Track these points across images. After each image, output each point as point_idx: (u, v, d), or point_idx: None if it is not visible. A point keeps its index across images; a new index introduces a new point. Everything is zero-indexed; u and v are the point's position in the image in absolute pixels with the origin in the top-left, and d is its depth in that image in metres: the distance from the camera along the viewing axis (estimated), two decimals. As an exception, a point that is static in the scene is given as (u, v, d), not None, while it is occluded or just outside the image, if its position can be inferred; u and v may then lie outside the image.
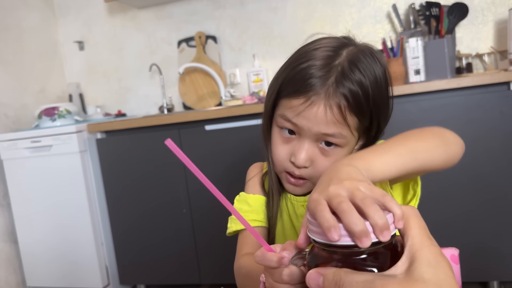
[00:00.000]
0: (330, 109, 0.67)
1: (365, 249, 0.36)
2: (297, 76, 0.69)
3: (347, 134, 0.69)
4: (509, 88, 1.59)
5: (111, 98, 2.72)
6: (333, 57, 0.68)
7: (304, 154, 0.70)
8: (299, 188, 0.76)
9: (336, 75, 0.67)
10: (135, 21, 2.61)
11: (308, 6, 2.31)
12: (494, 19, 2.09)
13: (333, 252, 0.38)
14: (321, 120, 0.67)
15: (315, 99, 0.67)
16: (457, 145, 0.67)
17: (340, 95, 0.67)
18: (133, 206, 2.07)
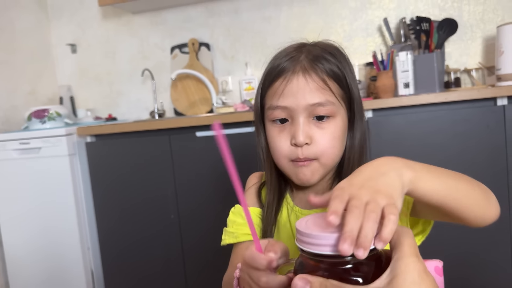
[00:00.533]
0: (309, 76, 0.70)
1: (350, 260, 0.37)
2: (271, 68, 0.75)
3: (334, 101, 0.71)
4: (496, 103, 1.63)
5: (102, 102, 2.71)
6: (298, 48, 0.76)
7: (301, 131, 0.69)
8: (309, 171, 0.72)
9: (306, 54, 0.73)
10: (128, 26, 2.62)
11: (301, 17, 2.34)
12: (482, 35, 2.13)
13: (320, 262, 0.39)
14: (305, 90, 0.69)
15: (292, 75, 0.71)
16: (495, 209, 0.63)
17: (315, 64, 0.71)
18: (120, 211, 2.06)
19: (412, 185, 0.50)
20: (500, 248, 1.64)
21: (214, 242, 1.99)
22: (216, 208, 1.92)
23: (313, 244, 0.38)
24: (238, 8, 2.43)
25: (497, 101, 1.62)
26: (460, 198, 0.57)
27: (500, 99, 1.62)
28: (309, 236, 0.39)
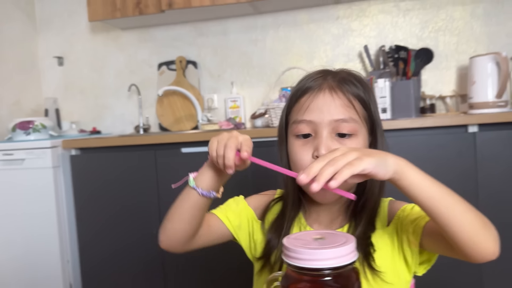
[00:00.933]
0: (335, 93, 0.73)
1: (330, 273, 0.43)
2: (298, 88, 0.78)
3: (357, 119, 0.73)
4: (467, 130, 1.73)
5: (87, 115, 2.73)
6: (326, 71, 0.79)
7: (324, 144, 0.71)
8: (328, 193, 0.75)
9: (333, 76, 0.77)
10: (117, 42, 2.66)
11: (286, 41, 2.43)
12: (456, 65, 2.26)
13: (303, 274, 0.44)
14: (330, 105, 0.72)
15: (319, 92, 0.74)
16: (493, 242, 0.62)
17: (341, 84, 0.74)
18: (102, 225, 2.07)
19: (400, 169, 0.57)
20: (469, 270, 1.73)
21: (195, 258, 2.02)
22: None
23: (297, 259, 0.44)
24: (226, 30, 2.51)
25: (468, 128, 1.73)
26: (452, 209, 0.59)
27: (471, 126, 1.72)
28: (293, 251, 0.45)
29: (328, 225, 0.79)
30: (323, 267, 0.44)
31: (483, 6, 2.21)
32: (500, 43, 2.20)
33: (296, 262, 0.45)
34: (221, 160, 0.69)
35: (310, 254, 0.44)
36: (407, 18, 2.29)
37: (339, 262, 0.44)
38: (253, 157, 0.64)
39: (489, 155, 1.70)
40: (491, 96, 1.93)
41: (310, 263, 0.44)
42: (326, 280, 0.44)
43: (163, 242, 0.80)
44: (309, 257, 0.44)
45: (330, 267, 0.43)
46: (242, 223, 0.86)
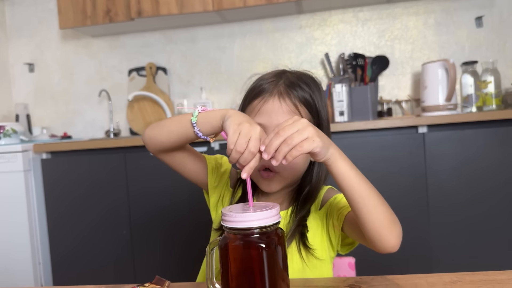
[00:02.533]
0: (283, 100, 0.81)
1: (257, 231, 0.55)
2: (253, 87, 0.86)
3: None
4: (417, 131, 1.87)
5: (57, 121, 2.77)
6: (279, 74, 0.87)
7: None
8: (271, 183, 0.83)
9: (284, 80, 0.84)
10: (88, 48, 2.72)
11: (253, 48, 2.55)
12: (411, 71, 2.42)
13: (237, 234, 0.57)
14: (277, 111, 0.80)
15: (269, 96, 0.82)
16: (397, 236, 0.69)
17: (290, 91, 0.82)
18: (74, 227, 2.12)
19: (333, 157, 0.65)
20: (419, 264, 1.86)
21: (164, 257, 2.09)
22: (168, 225, 2.03)
23: (232, 221, 0.56)
24: (195, 37, 2.60)
25: (418, 129, 1.87)
26: (367, 200, 0.66)
27: (421, 127, 1.86)
28: (229, 216, 0.57)
29: (281, 205, 0.89)
30: (252, 226, 0.55)
31: (434, 17, 2.38)
32: (450, 51, 2.37)
33: (232, 225, 0.56)
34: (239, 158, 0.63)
35: (242, 217, 0.56)
36: (365, 27, 2.44)
37: (264, 223, 0.56)
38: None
39: (437, 154, 1.84)
40: (441, 99, 2.08)
41: (242, 224, 0.55)
42: (254, 238, 0.56)
43: (145, 138, 0.84)
44: (241, 219, 0.56)
45: (257, 226, 0.55)
46: (219, 186, 0.94)
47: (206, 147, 2.00)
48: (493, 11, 2.33)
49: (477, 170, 1.83)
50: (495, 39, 2.34)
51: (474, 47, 2.36)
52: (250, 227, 0.55)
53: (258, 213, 0.56)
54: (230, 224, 0.56)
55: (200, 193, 1.01)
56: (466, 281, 0.64)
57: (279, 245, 0.57)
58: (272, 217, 0.56)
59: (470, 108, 2.24)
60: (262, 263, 0.55)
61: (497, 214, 1.82)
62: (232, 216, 0.56)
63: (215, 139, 0.76)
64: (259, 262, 0.55)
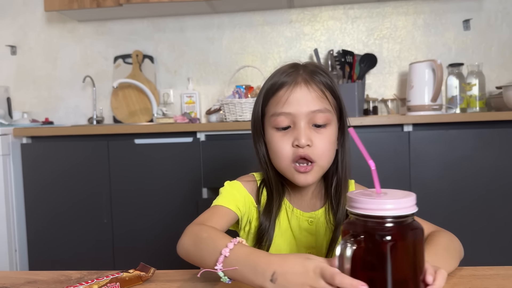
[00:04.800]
0: (311, 87, 0.80)
1: (391, 220, 0.49)
2: (273, 83, 0.83)
3: (330, 109, 0.80)
4: (403, 129, 1.89)
5: (39, 106, 2.70)
6: (295, 65, 0.85)
7: (303, 134, 0.78)
8: (309, 176, 0.80)
9: (304, 69, 0.83)
10: (73, 33, 2.66)
11: (242, 41, 2.53)
12: (398, 70, 2.43)
13: (366, 222, 0.50)
14: (307, 98, 0.79)
15: (295, 85, 0.80)
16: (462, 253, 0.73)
17: (314, 78, 0.81)
18: (52, 213, 2.07)
19: None
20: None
21: (146, 247, 2.06)
22: (150, 214, 2.01)
23: (362, 208, 0.50)
24: (184, 27, 2.57)
25: (403, 128, 1.88)
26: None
27: (406, 126, 1.88)
28: (359, 201, 0.50)
29: (308, 206, 0.87)
30: (385, 214, 0.49)
31: (423, 17, 2.40)
32: (437, 52, 2.39)
33: (362, 211, 0.50)
34: None
35: (374, 203, 0.49)
36: (355, 25, 2.45)
37: (399, 212, 0.49)
38: (353, 133, 0.60)
39: (422, 152, 1.86)
40: (427, 99, 2.10)
41: (374, 211, 0.49)
42: (386, 227, 0.49)
43: (179, 250, 0.72)
44: (373, 206, 0.49)
45: (391, 215, 0.49)
46: (245, 210, 0.86)
47: (192, 138, 1.98)
48: (481, 14, 2.36)
49: (461, 170, 1.86)
50: (482, 43, 2.38)
51: (460, 49, 2.39)
52: (384, 215, 0.49)
53: (394, 200, 0.49)
54: (361, 211, 0.50)
55: (183, 182, 0.99)
56: (456, 275, 0.65)
57: (417, 240, 0.50)
58: (409, 207, 0.50)
59: (454, 109, 2.27)
60: (393, 258, 0.48)
61: (480, 213, 1.85)
62: (364, 202, 0.50)
63: None
64: (388, 257, 0.48)
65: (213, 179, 1.97)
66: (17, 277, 0.70)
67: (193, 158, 1.97)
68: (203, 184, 1.96)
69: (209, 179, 1.97)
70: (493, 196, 1.86)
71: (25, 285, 0.67)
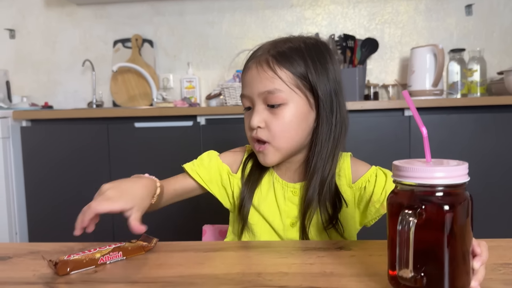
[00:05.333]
0: (260, 67, 0.77)
1: (442, 189, 0.47)
2: (246, 62, 0.83)
3: (284, 89, 0.76)
4: (403, 114, 1.88)
5: (38, 90, 2.69)
6: (262, 46, 0.83)
7: (255, 116, 0.78)
8: (267, 156, 0.80)
9: (264, 50, 0.80)
10: (72, 17, 2.63)
11: (242, 25, 2.51)
12: (399, 56, 2.42)
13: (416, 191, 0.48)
14: (256, 79, 0.78)
15: (250, 67, 0.80)
16: None
17: (268, 55, 0.78)
18: (52, 197, 2.07)
19: None
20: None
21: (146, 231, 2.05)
22: (150, 197, 2.01)
23: (412, 177, 0.47)
24: (183, 10, 2.54)
25: (404, 112, 1.88)
26: None
27: (407, 110, 1.87)
28: (408, 170, 0.48)
29: (294, 178, 0.86)
30: (436, 183, 0.47)
31: (425, 3, 2.38)
32: (439, 37, 2.38)
33: (410, 180, 0.47)
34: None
35: (424, 171, 0.47)
36: (356, 9, 2.43)
37: (451, 181, 0.47)
38: (407, 96, 0.55)
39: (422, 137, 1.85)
40: (428, 84, 2.10)
41: (423, 180, 0.47)
42: (436, 196, 0.47)
43: None
44: (422, 175, 0.47)
45: (443, 183, 0.47)
46: (213, 177, 0.90)
47: (192, 121, 1.97)
48: (483, 0, 2.35)
49: (461, 154, 1.86)
50: (483, 28, 2.36)
51: (462, 35, 2.37)
52: (435, 183, 0.47)
53: (446, 168, 0.47)
54: (410, 180, 0.47)
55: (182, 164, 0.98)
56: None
57: (469, 209, 0.49)
58: (462, 176, 0.48)
59: (455, 95, 2.26)
60: (451, 228, 0.47)
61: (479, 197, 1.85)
62: (413, 171, 0.47)
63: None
64: (446, 227, 0.47)
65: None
66: (20, 248, 0.70)
67: (194, 142, 1.96)
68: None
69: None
70: (493, 181, 1.86)
71: (28, 255, 0.67)
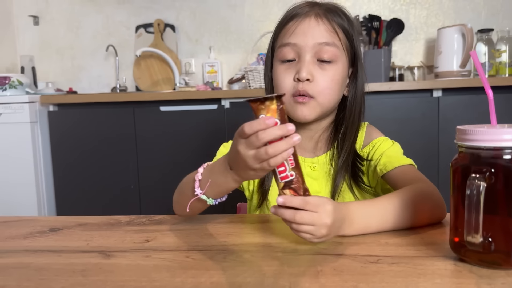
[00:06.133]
0: (320, 19, 0.76)
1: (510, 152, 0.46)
2: (285, 15, 0.81)
3: (339, 45, 0.77)
4: (432, 95, 1.85)
5: (63, 76, 2.72)
6: (313, 3, 0.81)
7: (305, 67, 0.75)
8: (306, 109, 0.77)
9: (319, 5, 0.80)
10: (94, 2, 2.64)
11: (264, 7, 2.48)
12: (425, 37, 2.37)
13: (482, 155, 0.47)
14: (315, 29, 0.75)
15: (305, 17, 0.77)
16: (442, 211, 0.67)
17: (327, 13, 0.78)
18: (80, 180, 2.11)
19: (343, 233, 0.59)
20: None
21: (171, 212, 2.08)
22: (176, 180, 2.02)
23: (476, 140, 0.47)
24: (205, -6, 2.53)
25: (433, 93, 1.85)
26: (409, 224, 0.62)
27: (436, 91, 1.84)
28: (473, 133, 0.47)
29: (312, 151, 0.86)
30: (503, 146, 0.45)
31: (452, -19, 2.32)
32: (466, 18, 2.32)
33: (476, 143, 0.46)
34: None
35: (490, 134, 0.45)
36: (381, -10, 2.38)
37: None
38: (475, 56, 0.52)
39: (451, 117, 1.83)
40: (455, 66, 2.05)
41: (490, 142, 0.45)
42: (506, 159, 0.45)
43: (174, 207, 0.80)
44: (489, 137, 0.46)
45: (510, 146, 0.45)
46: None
47: (216, 105, 1.98)
48: (513, -23, 2.28)
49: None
50: (513, 7, 2.30)
51: (490, 14, 2.31)
52: (503, 146, 0.45)
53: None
54: (475, 143, 0.46)
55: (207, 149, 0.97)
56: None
57: None
58: None
59: (483, 76, 2.21)
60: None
61: None
62: (478, 133, 0.46)
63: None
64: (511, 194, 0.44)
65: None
66: (68, 221, 0.71)
67: (218, 125, 1.97)
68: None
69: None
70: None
71: (77, 227, 0.68)
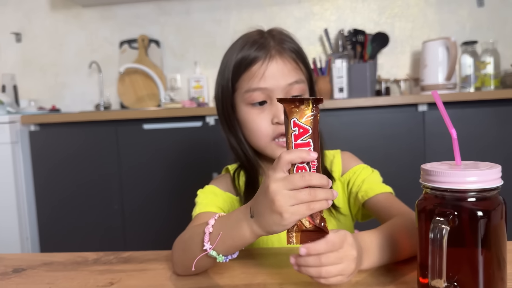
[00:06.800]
0: (285, 59, 0.76)
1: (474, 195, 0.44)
2: (244, 54, 0.77)
3: (304, 78, 0.79)
4: (417, 109, 1.84)
5: (46, 93, 2.68)
6: (261, 33, 0.80)
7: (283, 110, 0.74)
8: None
9: (273, 39, 0.78)
10: (78, 18, 2.62)
11: (249, 22, 2.47)
12: (410, 50, 2.38)
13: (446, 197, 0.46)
14: (283, 71, 0.76)
15: (271, 58, 0.76)
16: None
17: (286, 49, 0.77)
18: (62, 201, 2.06)
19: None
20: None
21: (155, 233, 2.05)
22: (161, 199, 1.99)
23: (440, 182, 0.45)
24: (189, 9, 2.52)
25: (418, 107, 1.84)
26: (407, 255, 0.63)
27: (421, 105, 1.83)
28: (437, 174, 0.46)
29: None
30: (468, 188, 0.44)
31: (435, -5, 2.33)
32: (451, 30, 2.33)
33: (441, 185, 0.45)
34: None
35: (454, 176, 0.44)
36: (366, 3, 2.39)
37: (485, 185, 0.44)
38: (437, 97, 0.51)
39: (437, 132, 1.82)
40: (441, 78, 2.05)
41: (455, 185, 0.44)
42: (469, 201, 0.44)
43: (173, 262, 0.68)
44: (454, 179, 0.44)
45: (474, 188, 0.44)
46: (227, 207, 0.84)
47: (201, 122, 1.95)
48: (496, -10, 2.29)
49: (477, 149, 1.81)
50: (496, 19, 2.31)
51: (474, 27, 2.32)
52: (466, 189, 0.44)
53: (478, 172, 0.44)
54: (439, 184, 0.45)
55: (192, 167, 0.95)
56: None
57: (503, 214, 0.45)
58: (495, 180, 0.45)
59: (468, 88, 2.21)
60: (485, 234, 0.43)
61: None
62: (443, 175, 0.45)
63: None
64: (479, 233, 0.43)
65: (223, 163, 1.94)
66: (34, 259, 0.68)
67: (203, 142, 1.94)
68: (213, 168, 1.94)
69: (219, 163, 1.94)
70: (510, 175, 1.81)
71: (42, 266, 0.65)
